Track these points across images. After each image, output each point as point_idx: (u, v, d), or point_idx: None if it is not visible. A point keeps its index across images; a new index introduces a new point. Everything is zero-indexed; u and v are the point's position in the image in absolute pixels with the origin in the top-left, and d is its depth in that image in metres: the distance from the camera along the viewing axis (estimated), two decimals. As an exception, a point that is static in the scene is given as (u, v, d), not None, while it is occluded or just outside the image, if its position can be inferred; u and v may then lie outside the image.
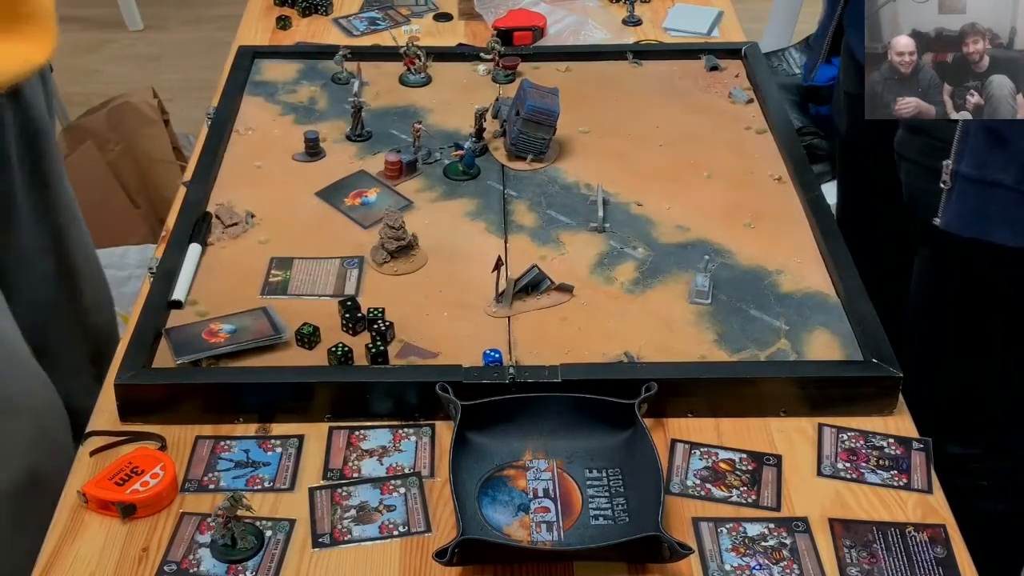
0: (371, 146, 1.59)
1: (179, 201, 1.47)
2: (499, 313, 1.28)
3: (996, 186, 1.28)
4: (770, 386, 1.18)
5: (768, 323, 1.27)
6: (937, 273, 1.47)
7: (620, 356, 1.22)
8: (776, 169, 1.53)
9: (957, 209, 1.32)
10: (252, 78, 1.74)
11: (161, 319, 1.26)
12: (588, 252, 1.38)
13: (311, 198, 1.48)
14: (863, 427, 1.18)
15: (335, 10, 1.99)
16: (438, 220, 1.44)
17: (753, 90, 1.72)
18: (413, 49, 1.73)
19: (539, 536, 1.05)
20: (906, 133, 1.44)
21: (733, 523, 1.06)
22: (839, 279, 1.31)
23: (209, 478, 1.11)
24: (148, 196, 2.59)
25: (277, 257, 1.37)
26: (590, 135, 1.61)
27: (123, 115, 2.54)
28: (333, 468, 1.13)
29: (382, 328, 1.23)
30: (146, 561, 1.03)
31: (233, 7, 2.31)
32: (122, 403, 1.17)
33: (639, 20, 1.96)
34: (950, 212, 1.32)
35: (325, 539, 1.05)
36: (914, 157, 1.43)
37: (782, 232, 1.42)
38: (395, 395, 1.17)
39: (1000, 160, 1.28)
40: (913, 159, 1.44)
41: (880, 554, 1.04)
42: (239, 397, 1.17)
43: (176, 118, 2.70)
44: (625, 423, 1.13)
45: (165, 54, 3.85)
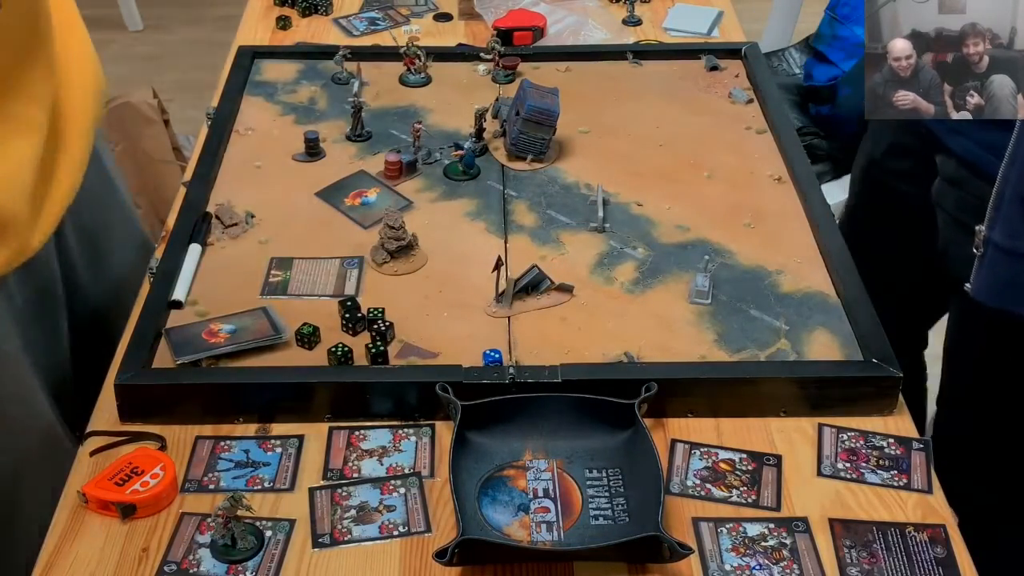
0: (371, 146, 1.59)
1: (179, 201, 1.47)
2: (499, 313, 1.28)
3: None
4: (770, 386, 1.18)
5: (768, 323, 1.27)
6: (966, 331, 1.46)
7: (620, 356, 1.22)
8: (776, 169, 1.53)
9: (988, 278, 1.29)
10: (252, 78, 1.74)
11: (161, 319, 1.26)
12: (588, 252, 1.38)
13: (311, 198, 1.48)
14: (863, 427, 1.18)
15: (335, 10, 1.99)
16: (438, 220, 1.44)
17: (753, 90, 1.72)
18: (413, 49, 1.73)
19: (539, 536, 1.05)
20: (943, 184, 1.42)
21: (733, 523, 1.06)
22: (839, 279, 1.31)
23: (209, 478, 1.11)
24: (148, 196, 2.59)
25: (277, 257, 1.37)
26: (590, 135, 1.61)
27: (123, 115, 2.54)
28: (333, 468, 1.13)
29: (382, 328, 1.23)
30: (146, 561, 1.03)
31: (233, 7, 2.31)
32: (122, 403, 1.17)
33: (639, 20, 1.96)
34: (981, 280, 1.29)
35: (325, 539, 1.05)
36: (949, 209, 1.42)
37: (782, 232, 1.42)
38: (395, 395, 1.17)
39: None
40: (948, 211, 1.43)
41: (880, 554, 1.04)
42: (239, 397, 1.17)
43: (176, 118, 2.70)
44: (625, 423, 1.13)
45: (165, 54, 3.85)
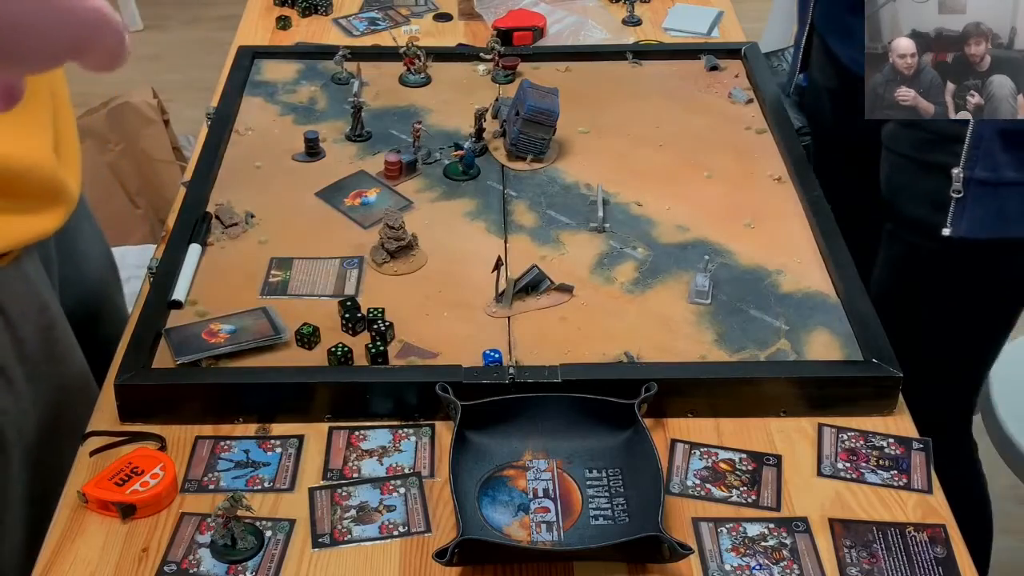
0: (371, 146, 1.59)
1: (179, 201, 1.47)
2: (499, 313, 1.28)
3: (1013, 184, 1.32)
4: (770, 386, 1.18)
5: (768, 323, 1.27)
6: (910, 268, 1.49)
7: (620, 356, 1.22)
8: (776, 169, 1.53)
9: (974, 213, 1.35)
10: (252, 78, 1.74)
11: (161, 319, 1.26)
12: (588, 252, 1.38)
13: (311, 198, 1.48)
14: (863, 427, 1.18)
15: (335, 10, 1.99)
16: (438, 220, 1.44)
17: (753, 90, 1.72)
18: (413, 49, 1.73)
19: (539, 536, 1.05)
20: (897, 127, 1.44)
21: (733, 523, 1.06)
22: (839, 279, 1.31)
23: (209, 478, 1.11)
24: (148, 196, 2.59)
25: (277, 257, 1.37)
26: (590, 135, 1.61)
27: (123, 115, 2.54)
28: (333, 468, 1.12)
29: (382, 328, 1.23)
30: (146, 561, 1.03)
31: (233, 7, 2.31)
32: (122, 403, 1.17)
33: (639, 20, 1.96)
34: (966, 219, 1.36)
35: (325, 539, 1.05)
36: (905, 151, 1.44)
37: (782, 232, 1.42)
38: (395, 395, 1.17)
39: (1013, 159, 1.31)
40: (903, 153, 1.45)
41: (880, 554, 1.04)
42: (239, 397, 1.17)
43: (176, 118, 2.70)
44: (625, 423, 1.13)
45: (165, 54, 3.85)
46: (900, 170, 1.46)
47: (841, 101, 1.62)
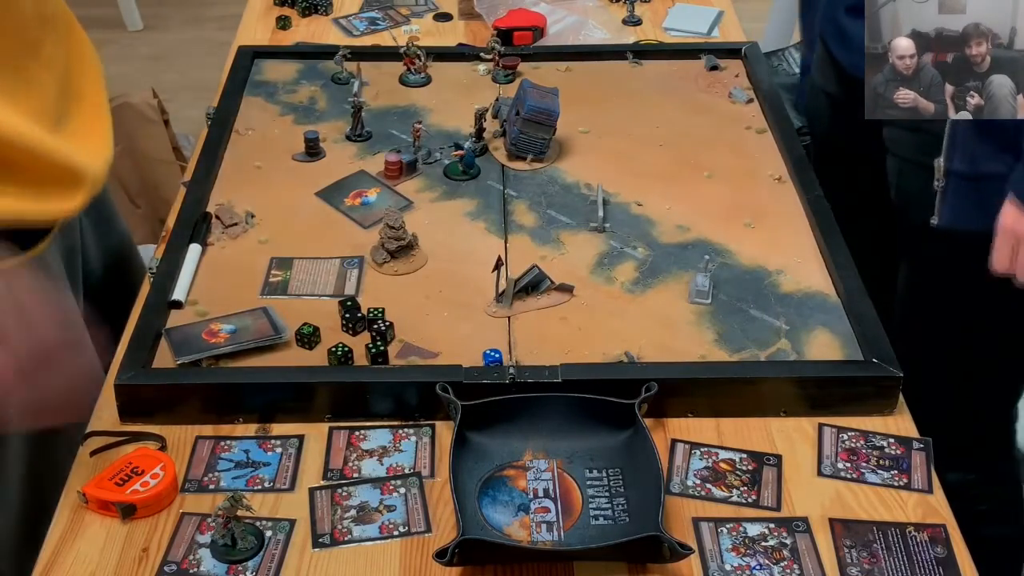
0: (371, 146, 1.59)
1: (179, 201, 1.47)
2: (499, 313, 1.28)
3: (991, 177, 1.30)
4: (770, 386, 1.18)
5: (768, 323, 1.27)
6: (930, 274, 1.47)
7: (620, 356, 1.22)
8: (776, 169, 1.53)
9: (953, 204, 1.33)
10: (252, 78, 1.74)
11: (161, 319, 1.26)
12: (588, 252, 1.38)
13: (311, 198, 1.48)
14: (863, 427, 1.18)
15: (335, 10, 1.99)
16: (438, 220, 1.44)
17: (753, 90, 1.72)
18: (413, 49, 1.73)
19: (539, 536, 1.05)
20: (899, 130, 1.44)
21: (733, 523, 1.06)
22: (839, 279, 1.31)
23: (209, 478, 1.11)
24: (148, 196, 2.59)
25: (277, 257, 1.37)
26: (590, 135, 1.61)
27: (123, 115, 2.54)
28: (333, 468, 1.12)
29: (382, 328, 1.23)
30: (146, 561, 1.03)
31: (233, 7, 2.31)
32: (122, 403, 1.17)
33: (639, 20, 1.96)
34: (947, 210, 1.34)
35: (325, 539, 1.05)
36: (908, 155, 1.44)
37: (782, 232, 1.42)
38: (395, 395, 1.17)
39: (989, 151, 1.30)
40: (907, 157, 1.44)
41: (880, 554, 1.04)
42: (239, 397, 1.17)
43: (176, 118, 2.70)
44: (625, 423, 1.13)
45: (165, 54, 3.85)
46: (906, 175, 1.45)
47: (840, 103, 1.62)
